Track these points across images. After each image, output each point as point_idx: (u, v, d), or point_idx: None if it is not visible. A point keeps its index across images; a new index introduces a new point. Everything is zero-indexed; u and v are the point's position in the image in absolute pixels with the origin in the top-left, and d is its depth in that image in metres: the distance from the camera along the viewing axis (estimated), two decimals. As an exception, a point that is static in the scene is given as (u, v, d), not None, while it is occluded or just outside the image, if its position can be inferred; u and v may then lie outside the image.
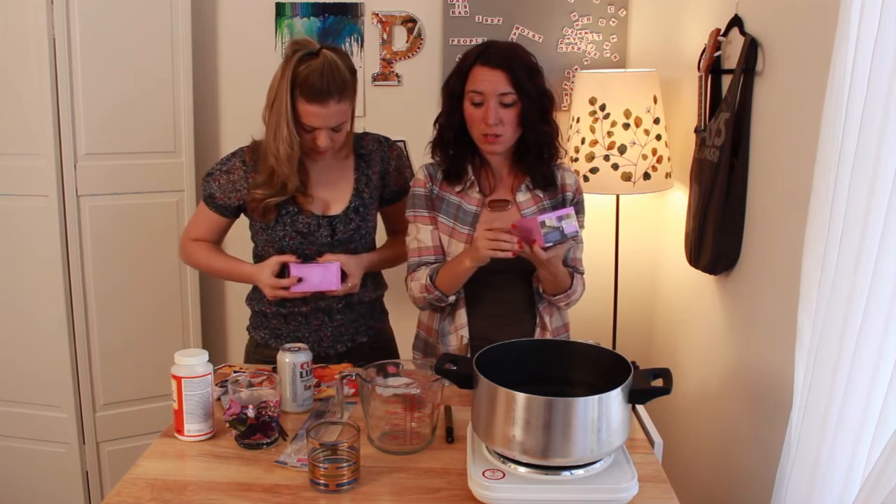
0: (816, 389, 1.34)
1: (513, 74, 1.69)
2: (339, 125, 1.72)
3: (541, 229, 1.57)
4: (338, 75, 1.67)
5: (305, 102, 1.67)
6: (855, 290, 1.24)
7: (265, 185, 1.76)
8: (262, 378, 1.51)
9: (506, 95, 1.69)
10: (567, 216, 1.59)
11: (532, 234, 1.59)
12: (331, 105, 1.67)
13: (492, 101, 1.69)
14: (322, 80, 1.65)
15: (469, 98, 1.72)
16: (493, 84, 1.69)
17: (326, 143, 1.72)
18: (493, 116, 1.69)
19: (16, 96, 2.27)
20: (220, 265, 1.87)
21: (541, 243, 1.58)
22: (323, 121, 1.69)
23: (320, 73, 1.65)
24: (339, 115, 1.70)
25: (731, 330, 2.03)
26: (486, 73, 1.70)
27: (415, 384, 1.45)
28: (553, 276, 1.71)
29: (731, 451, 2.01)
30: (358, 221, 1.84)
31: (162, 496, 1.27)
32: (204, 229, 1.88)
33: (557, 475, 1.24)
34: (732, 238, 1.94)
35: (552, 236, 1.58)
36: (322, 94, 1.65)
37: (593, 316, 2.61)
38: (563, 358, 1.42)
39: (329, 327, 1.87)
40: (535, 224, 1.58)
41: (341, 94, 1.67)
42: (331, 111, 1.68)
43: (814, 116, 1.40)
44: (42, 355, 2.39)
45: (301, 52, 1.67)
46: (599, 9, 2.61)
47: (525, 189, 1.81)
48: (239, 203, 1.83)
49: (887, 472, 1.07)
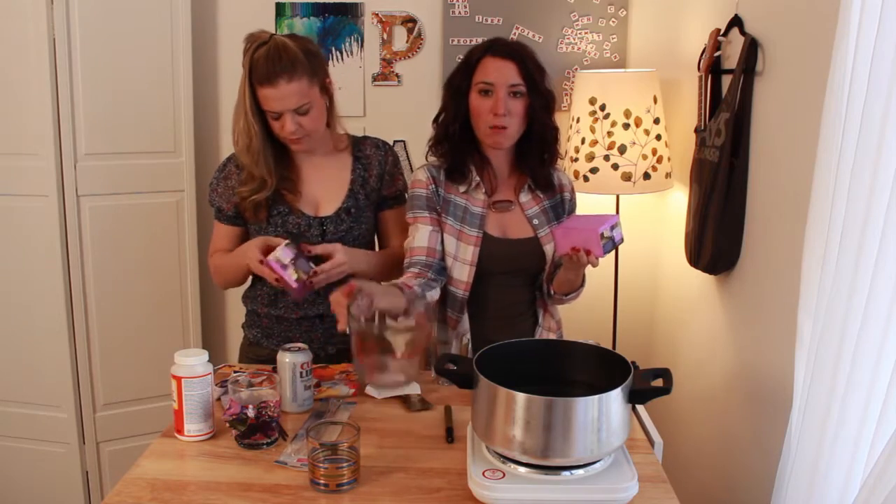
0: (816, 389, 1.34)
1: (523, 66, 1.70)
2: (302, 107, 1.70)
3: (600, 241, 1.58)
4: (285, 56, 1.67)
5: (260, 87, 1.68)
6: (855, 290, 1.24)
7: (246, 182, 1.77)
8: (262, 378, 1.51)
9: (516, 86, 1.70)
10: (617, 224, 1.60)
11: (591, 246, 1.58)
12: (281, 85, 1.66)
13: (501, 91, 1.69)
14: (269, 63, 1.66)
15: (477, 89, 1.72)
16: (504, 75, 1.70)
17: (292, 126, 1.70)
18: (502, 106, 1.69)
19: (16, 96, 2.27)
20: (226, 262, 1.85)
21: (599, 254, 1.59)
22: (280, 103, 1.68)
23: (266, 57, 1.67)
24: (295, 95, 1.68)
25: (731, 330, 2.03)
26: (496, 64, 1.70)
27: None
28: (577, 277, 1.73)
29: (731, 451, 2.01)
30: (350, 223, 1.83)
31: (162, 496, 1.27)
32: (223, 244, 1.87)
33: (557, 475, 1.24)
34: (732, 238, 1.94)
35: (607, 246, 1.59)
36: (271, 75, 1.66)
37: (593, 316, 2.61)
38: (563, 358, 1.42)
39: (320, 329, 1.87)
40: (596, 236, 1.57)
41: (291, 74, 1.66)
42: (283, 92, 1.67)
43: (814, 116, 1.40)
44: (42, 355, 2.39)
45: (255, 43, 1.70)
46: (599, 9, 2.61)
47: (527, 189, 1.81)
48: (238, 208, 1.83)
49: (887, 472, 1.07)
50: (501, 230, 1.78)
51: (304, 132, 1.72)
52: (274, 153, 1.77)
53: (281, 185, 1.78)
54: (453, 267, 1.76)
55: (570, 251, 1.60)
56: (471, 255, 1.75)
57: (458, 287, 1.77)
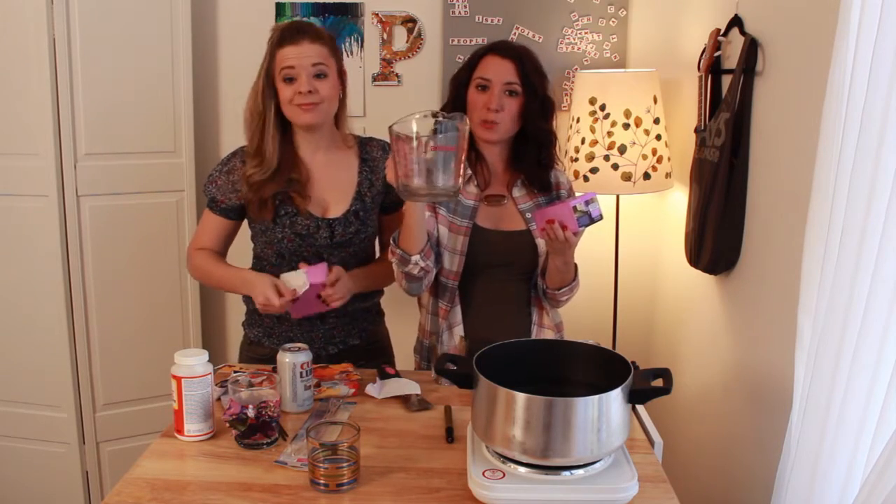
0: (816, 389, 1.34)
1: (522, 67, 1.74)
2: (319, 67, 1.71)
3: (573, 214, 1.60)
4: (310, 25, 1.78)
5: (281, 49, 1.72)
6: (855, 290, 1.24)
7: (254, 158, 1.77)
8: (262, 378, 1.51)
9: (511, 85, 1.74)
10: (593, 200, 1.62)
11: (565, 220, 1.61)
12: (304, 43, 1.70)
13: (496, 87, 1.73)
14: (292, 26, 1.75)
15: (475, 83, 1.76)
16: (502, 73, 1.74)
17: (307, 86, 1.70)
18: (495, 102, 1.72)
19: (16, 96, 2.27)
20: (221, 273, 1.83)
21: (574, 228, 1.61)
22: (300, 60, 1.70)
23: (291, 23, 1.78)
24: (316, 54, 1.71)
25: (731, 330, 2.03)
26: (496, 62, 1.75)
27: None
28: (566, 265, 1.73)
29: (731, 450, 2.01)
30: (357, 225, 1.83)
31: (162, 496, 1.27)
32: (209, 236, 1.86)
33: (557, 475, 1.24)
34: (732, 238, 1.95)
35: (583, 221, 1.61)
36: (295, 35, 1.71)
37: (593, 316, 2.62)
38: (563, 358, 1.42)
39: (320, 329, 1.87)
40: (568, 210, 1.60)
41: (314, 38, 1.72)
42: (305, 49, 1.70)
43: (814, 116, 1.40)
44: (42, 355, 2.39)
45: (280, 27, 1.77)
46: (599, 9, 2.61)
47: (521, 185, 1.83)
48: (240, 202, 1.82)
49: (887, 472, 1.07)
50: (493, 223, 1.80)
51: (317, 97, 1.72)
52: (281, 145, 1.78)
53: (289, 187, 1.78)
54: (444, 257, 1.78)
55: (545, 224, 1.63)
56: (460, 244, 1.76)
57: (448, 277, 1.79)
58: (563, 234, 1.62)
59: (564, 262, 1.73)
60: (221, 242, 1.87)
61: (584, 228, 1.63)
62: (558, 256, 1.71)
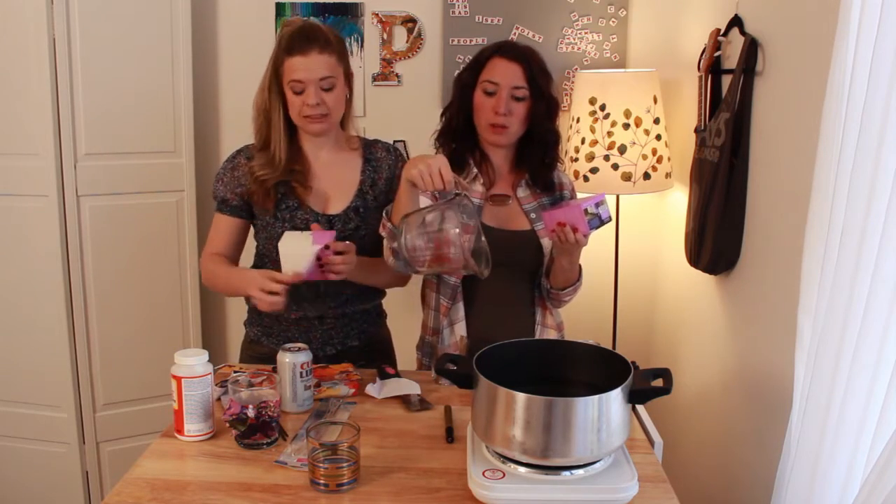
0: (816, 389, 1.34)
1: (529, 70, 1.74)
2: (328, 80, 1.71)
3: (584, 217, 1.60)
4: (320, 33, 1.72)
5: (289, 58, 1.70)
6: (855, 290, 1.24)
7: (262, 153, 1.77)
8: (262, 378, 1.51)
9: (519, 89, 1.74)
10: (602, 202, 1.63)
11: (576, 222, 1.62)
12: (313, 54, 1.68)
13: (505, 91, 1.73)
14: (302, 34, 1.71)
15: (482, 87, 1.76)
16: (509, 76, 1.73)
17: (315, 98, 1.70)
18: (503, 106, 1.72)
19: (16, 96, 2.27)
20: (225, 275, 1.81)
21: (585, 231, 1.62)
22: (308, 72, 1.69)
23: (300, 29, 1.72)
24: (324, 66, 1.70)
25: (731, 330, 2.03)
26: (503, 65, 1.75)
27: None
28: (572, 265, 1.74)
29: (732, 450, 2.01)
30: (357, 222, 1.83)
31: (162, 496, 1.27)
32: (220, 239, 1.85)
33: (557, 475, 1.24)
34: (732, 238, 1.95)
35: (593, 223, 1.62)
36: (304, 45, 1.69)
37: (593, 316, 2.61)
38: (563, 358, 1.42)
39: (319, 330, 1.86)
40: (580, 212, 1.61)
41: (323, 47, 1.70)
42: (313, 61, 1.68)
43: (814, 116, 1.40)
44: (42, 355, 2.39)
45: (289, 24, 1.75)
46: (599, 9, 2.61)
47: (525, 185, 1.83)
48: (246, 196, 1.82)
49: (887, 472, 1.07)
50: (498, 222, 1.80)
51: (324, 109, 1.73)
52: (288, 144, 1.78)
53: (291, 177, 1.78)
54: None
55: (555, 226, 1.63)
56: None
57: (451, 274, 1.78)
58: (573, 237, 1.62)
59: (570, 262, 1.73)
60: (233, 245, 1.86)
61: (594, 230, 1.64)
62: (565, 257, 1.72)
